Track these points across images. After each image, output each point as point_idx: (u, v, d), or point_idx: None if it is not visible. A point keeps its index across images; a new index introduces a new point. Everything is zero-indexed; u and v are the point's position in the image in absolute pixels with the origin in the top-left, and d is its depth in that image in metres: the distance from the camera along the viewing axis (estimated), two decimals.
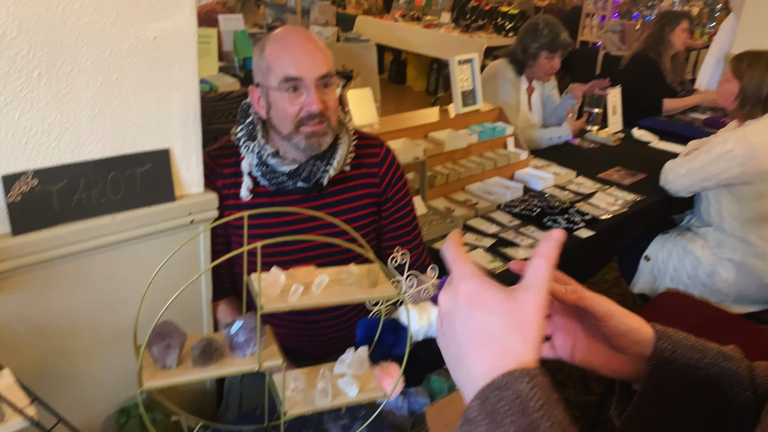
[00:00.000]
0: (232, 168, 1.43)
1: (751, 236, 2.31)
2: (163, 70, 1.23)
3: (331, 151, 1.40)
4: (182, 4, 1.22)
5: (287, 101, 1.32)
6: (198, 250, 1.38)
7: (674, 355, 0.65)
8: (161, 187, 1.28)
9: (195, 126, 1.32)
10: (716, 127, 3.32)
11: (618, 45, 5.92)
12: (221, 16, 3.98)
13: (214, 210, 1.37)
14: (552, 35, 2.81)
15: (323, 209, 1.45)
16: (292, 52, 1.32)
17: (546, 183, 2.44)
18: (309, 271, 1.05)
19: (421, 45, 6.86)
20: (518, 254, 1.89)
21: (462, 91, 2.50)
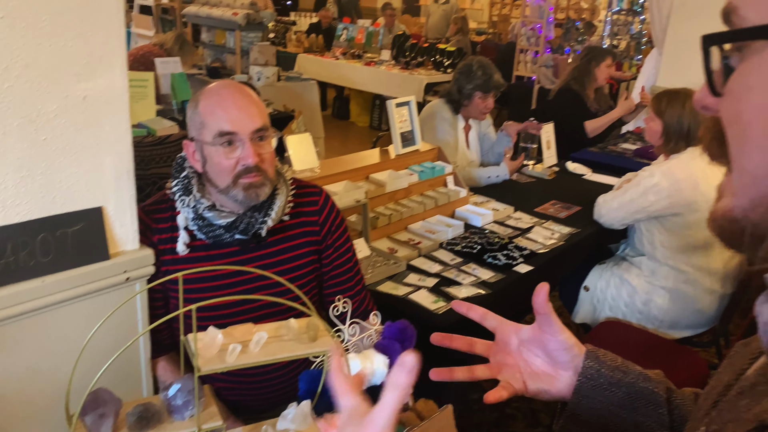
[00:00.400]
0: (168, 222, 1.42)
1: (682, 264, 2.43)
2: (93, 129, 1.22)
3: (268, 202, 1.41)
4: (113, 64, 1.22)
5: (222, 155, 1.33)
6: (135, 309, 1.36)
7: (598, 373, 0.75)
8: (94, 246, 1.27)
9: (128, 182, 1.32)
10: (646, 158, 3.50)
11: (551, 79, 6.18)
12: (158, 60, 3.96)
13: (150, 266, 1.36)
14: (485, 76, 2.93)
15: (262, 260, 1.45)
16: (226, 107, 1.33)
17: (486, 219, 2.52)
18: (247, 328, 1.05)
19: (362, 82, 6.99)
20: (460, 293, 1.93)
21: (401, 132, 2.56)
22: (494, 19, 12.06)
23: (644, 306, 2.49)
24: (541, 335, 0.79)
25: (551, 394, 0.80)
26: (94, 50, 1.19)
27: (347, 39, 7.73)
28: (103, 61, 1.21)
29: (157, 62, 3.96)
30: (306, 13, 10.21)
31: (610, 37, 7.34)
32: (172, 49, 4.47)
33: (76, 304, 1.26)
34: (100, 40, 1.20)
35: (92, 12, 1.17)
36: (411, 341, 1.30)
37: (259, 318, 1.38)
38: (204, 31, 5.73)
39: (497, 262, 2.15)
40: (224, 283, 1.42)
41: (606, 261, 2.70)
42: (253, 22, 5.19)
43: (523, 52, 6.63)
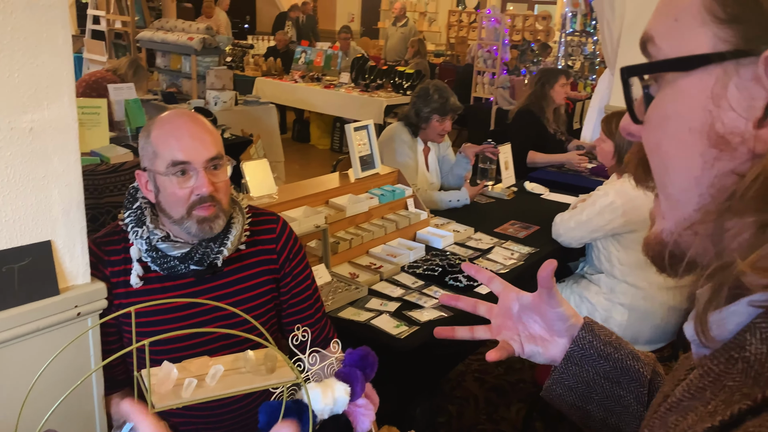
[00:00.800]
0: (121, 255, 1.40)
1: (639, 281, 2.49)
2: (41, 161, 1.20)
3: (224, 232, 1.40)
4: (60, 94, 1.21)
5: (176, 185, 1.32)
6: (87, 345, 1.33)
7: (591, 344, 0.81)
8: (43, 281, 1.24)
9: (78, 214, 1.29)
10: (602, 176, 3.60)
11: (509, 100, 6.32)
12: (111, 86, 3.91)
13: (102, 300, 1.33)
14: (442, 100, 2.99)
15: (219, 291, 1.44)
16: (179, 136, 1.33)
17: (446, 241, 2.54)
18: (203, 362, 1.04)
19: (322, 105, 7.02)
20: (422, 316, 1.94)
21: (360, 156, 2.58)
22: (452, 41, 12.29)
23: (604, 323, 2.53)
24: (540, 305, 0.83)
25: (544, 357, 0.86)
26: (40, 81, 1.18)
27: (306, 62, 7.76)
28: (50, 92, 1.20)
29: (111, 88, 3.91)
30: (263, 37, 10.23)
31: (565, 57, 7.54)
32: (126, 75, 4.42)
33: (25, 342, 1.22)
34: (47, 70, 1.18)
35: (38, 43, 1.16)
36: (372, 368, 1.30)
37: (215, 350, 1.36)
38: (159, 56, 5.68)
39: (458, 284, 2.17)
40: (179, 316, 1.40)
41: (565, 279, 2.75)
42: (209, 47, 5.18)
43: (480, 73, 6.77)
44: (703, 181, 0.45)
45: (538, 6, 12.86)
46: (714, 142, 0.44)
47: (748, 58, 0.42)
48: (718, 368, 0.47)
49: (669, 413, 0.52)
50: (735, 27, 0.43)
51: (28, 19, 1.13)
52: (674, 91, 0.47)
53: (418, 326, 1.88)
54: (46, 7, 1.15)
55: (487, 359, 0.85)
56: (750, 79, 0.42)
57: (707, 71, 0.44)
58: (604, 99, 4.86)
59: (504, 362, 3.18)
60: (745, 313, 0.46)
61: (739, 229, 0.43)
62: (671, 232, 0.49)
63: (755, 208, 0.42)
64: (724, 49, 0.43)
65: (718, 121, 0.44)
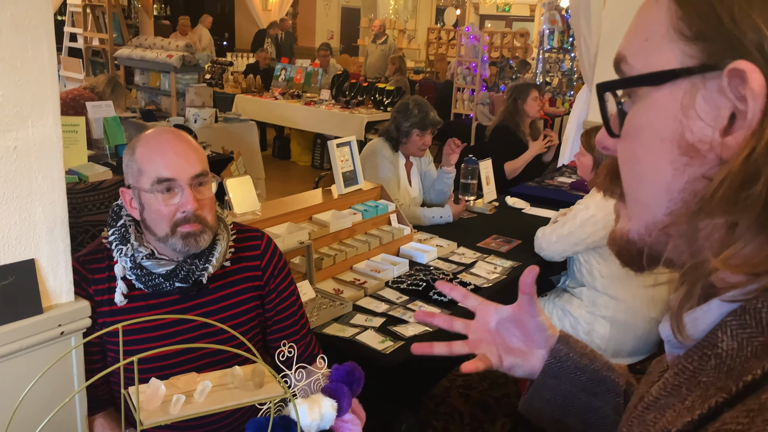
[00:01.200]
0: (105, 273, 1.40)
1: (621, 293, 2.53)
2: (25, 180, 1.21)
3: (209, 249, 1.41)
4: (45, 112, 1.22)
5: (161, 202, 1.33)
6: (70, 365, 1.32)
7: (567, 356, 0.83)
8: (27, 299, 1.24)
9: (62, 232, 1.30)
10: (582, 190, 3.66)
11: (488, 116, 6.41)
12: (89, 104, 3.90)
13: (86, 319, 1.33)
14: (421, 114, 3.04)
15: (204, 308, 1.45)
16: (164, 153, 1.34)
17: (430, 256, 2.57)
18: (190, 378, 1.04)
19: (303, 122, 7.05)
20: (407, 331, 1.95)
21: (343, 172, 2.60)
22: (431, 58, 12.44)
23: (587, 336, 2.57)
24: (520, 315, 0.85)
25: (524, 369, 0.87)
26: (25, 99, 1.19)
27: (286, 79, 7.80)
28: (35, 111, 1.21)
29: (89, 106, 3.91)
30: (243, 54, 10.26)
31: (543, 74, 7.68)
32: (104, 92, 4.41)
33: (8, 362, 1.22)
34: (32, 89, 1.19)
35: (23, 62, 1.17)
36: (359, 383, 1.32)
37: (202, 367, 1.37)
38: (137, 74, 5.68)
39: (443, 299, 2.19)
40: (165, 333, 1.40)
41: (548, 293, 2.78)
42: (189, 64, 5.19)
43: (460, 90, 6.86)
44: (674, 186, 0.49)
45: (515, 23, 13.08)
46: (684, 150, 0.48)
47: (713, 72, 0.46)
48: (693, 366, 0.50)
49: (646, 412, 0.54)
50: (700, 44, 0.47)
51: (13, 37, 1.14)
52: (646, 105, 0.51)
53: (403, 341, 1.89)
54: (32, 26, 1.16)
55: (462, 370, 0.87)
56: (715, 91, 0.46)
57: (676, 85, 0.48)
58: (583, 114, 4.96)
59: (488, 377, 3.20)
60: (717, 312, 0.49)
61: (712, 229, 0.47)
62: (640, 234, 0.53)
63: (724, 209, 0.45)
64: (691, 64, 0.47)
65: (687, 131, 0.48)
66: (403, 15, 14.47)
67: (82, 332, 1.33)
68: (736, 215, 0.45)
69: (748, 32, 0.44)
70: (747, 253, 0.45)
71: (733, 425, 0.43)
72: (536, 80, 7.43)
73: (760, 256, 0.45)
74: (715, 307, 0.50)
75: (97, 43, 7.01)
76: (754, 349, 0.46)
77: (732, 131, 0.46)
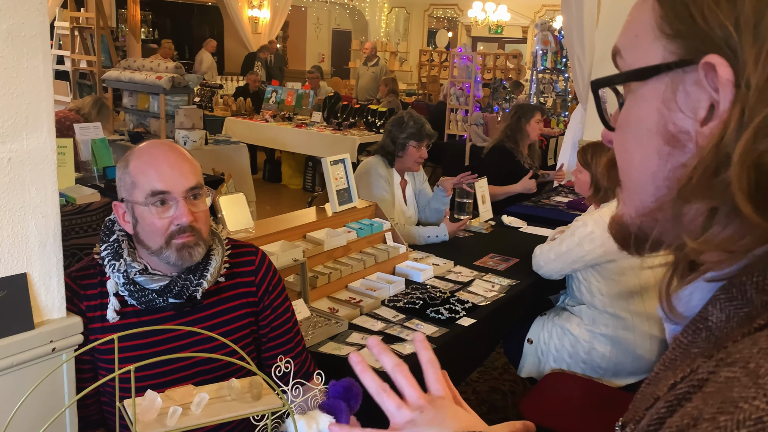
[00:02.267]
0: (97, 288, 1.41)
1: (620, 311, 2.55)
2: (18, 192, 1.22)
3: (203, 264, 1.42)
4: (39, 124, 1.24)
5: (155, 215, 1.34)
6: (61, 381, 1.32)
7: None
8: (18, 315, 1.24)
9: (55, 247, 1.31)
10: (578, 209, 3.70)
11: (482, 136, 6.47)
12: (77, 126, 3.93)
13: (78, 335, 1.34)
14: (417, 125, 3.09)
15: (198, 324, 1.45)
16: (158, 165, 1.36)
17: (426, 275, 2.58)
18: (187, 390, 1.05)
19: (294, 144, 7.10)
20: (405, 349, 1.96)
21: (337, 189, 2.63)
22: (423, 80, 12.59)
23: (587, 355, 2.58)
24: None
25: None
26: (20, 111, 1.20)
27: (276, 101, 7.87)
28: (29, 123, 1.22)
29: (77, 128, 3.93)
30: (232, 77, 10.37)
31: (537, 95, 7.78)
32: (90, 114, 4.44)
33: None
34: (27, 101, 1.21)
35: (18, 73, 1.19)
36: (357, 400, 1.32)
37: (199, 381, 1.36)
38: (125, 96, 5.72)
39: (440, 317, 2.20)
40: (160, 350, 1.40)
41: (547, 312, 2.80)
42: (179, 86, 5.24)
43: (453, 111, 6.93)
44: (659, 174, 0.54)
45: (508, 45, 13.29)
46: (667, 140, 0.53)
47: (690, 66, 0.51)
48: (687, 339, 0.55)
49: (647, 387, 0.59)
50: (679, 41, 0.52)
51: (8, 48, 1.17)
52: (635, 98, 0.56)
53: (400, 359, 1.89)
54: (28, 37, 1.18)
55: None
56: (693, 84, 0.51)
57: (659, 79, 0.53)
58: (578, 134, 5.02)
59: (487, 401, 3.19)
60: (707, 289, 0.54)
61: (695, 214, 0.51)
62: (632, 217, 0.58)
63: (701, 194, 0.49)
64: (671, 59, 0.52)
65: (669, 122, 0.52)
66: (395, 37, 14.68)
67: (73, 349, 1.33)
68: (713, 200, 0.49)
69: (716, 29, 0.49)
70: (725, 235, 0.49)
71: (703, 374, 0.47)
72: (530, 101, 7.52)
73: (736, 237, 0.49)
74: (702, 284, 0.54)
75: (85, 66, 7.06)
76: (739, 320, 0.50)
77: (709, 122, 0.50)
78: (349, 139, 6.58)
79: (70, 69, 7.18)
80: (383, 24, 14.61)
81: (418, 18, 14.70)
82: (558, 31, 7.18)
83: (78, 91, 6.84)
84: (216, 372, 1.44)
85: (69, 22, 7.14)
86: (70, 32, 7.13)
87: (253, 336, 1.56)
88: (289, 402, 1.26)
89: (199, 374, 1.43)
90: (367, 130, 6.91)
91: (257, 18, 11.54)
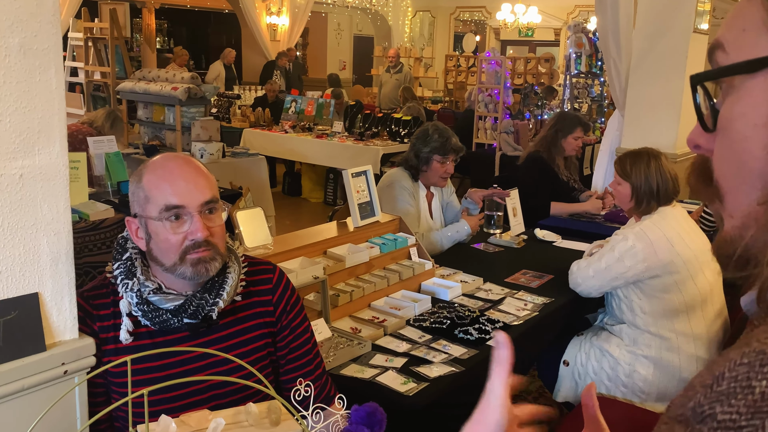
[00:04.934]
0: (110, 309, 1.43)
1: (664, 330, 2.51)
2: (30, 209, 1.25)
3: (219, 282, 1.44)
4: (52, 139, 1.27)
5: (169, 231, 1.36)
6: (73, 405, 1.34)
7: None
8: (29, 336, 1.26)
9: (67, 265, 1.33)
10: (617, 222, 3.66)
11: (513, 145, 6.44)
12: (91, 139, 4.01)
13: (90, 357, 1.36)
14: (442, 139, 3.08)
15: (213, 345, 1.46)
16: (172, 179, 1.38)
17: (454, 292, 2.57)
18: (203, 415, 1.06)
19: (314, 155, 7.15)
20: (432, 372, 1.95)
21: (359, 203, 2.64)
22: (450, 87, 12.62)
23: (628, 378, 2.54)
24: None
25: None
26: (32, 126, 1.24)
27: (296, 111, 7.94)
28: (41, 138, 1.25)
29: (90, 141, 4.01)
30: (251, 87, 10.50)
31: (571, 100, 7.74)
32: (103, 127, 4.53)
33: (8, 403, 1.24)
34: (39, 115, 1.25)
35: (30, 87, 1.22)
36: (381, 426, 1.31)
37: (215, 406, 1.37)
38: (140, 108, 5.83)
39: (469, 337, 2.19)
40: (174, 372, 1.42)
41: (584, 332, 2.76)
42: (195, 97, 5.32)
43: (481, 119, 6.92)
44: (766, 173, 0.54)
45: (539, 48, 13.26)
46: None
47: None
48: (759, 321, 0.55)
49: None
50: None
51: (21, 62, 1.20)
52: (740, 94, 0.56)
53: (427, 382, 1.89)
54: (41, 50, 1.22)
55: None
56: None
57: None
58: (615, 142, 4.98)
59: None
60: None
61: None
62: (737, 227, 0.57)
63: None
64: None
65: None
66: (419, 42, 14.74)
67: (86, 371, 1.35)
68: None
69: None
70: None
71: None
72: (564, 107, 7.49)
73: None
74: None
75: (99, 77, 7.22)
76: None
77: None
78: (372, 150, 6.61)
79: (83, 81, 7.35)
80: (407, 29, 14.69)
81: (443, 22, 14.75)
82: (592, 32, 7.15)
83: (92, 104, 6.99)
84: (233, 396, 1.45)
85: (83, 33, 7.32)
86: (84, 43, 7.31)
87: (271, 358, 1.57)
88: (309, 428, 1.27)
89: (215, 398, 1.44)
90: (391, 140, 6.94)
91: (276, 25, 11.69)
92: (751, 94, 0.55)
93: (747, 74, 0.55)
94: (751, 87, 0.55)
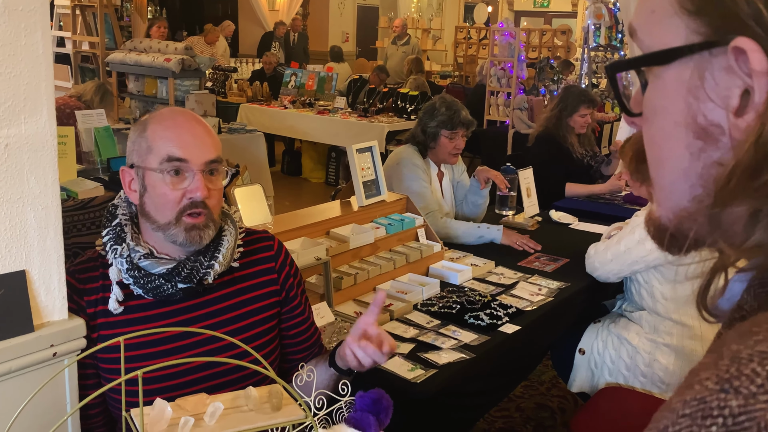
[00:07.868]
0: (99, 281, 1.43)
1: (686, 318, 2.50)
2: (16, 182, 1.24)
3: (214, 245, 1.43)
4: (39, 107, 1.26)
5: (168, 185, 1.36)
6: (63, 389, 1.35)
7: None
8: (16, 316, 1.26)
9: (56, 242, 1.33)
10: (638, 203, 3.64)
11: (527, 122, 6.41)
12: (79, 113, 4.00)
13: (81, 338, 1.36)
14: (449, 112, 3.03)
15: (213, 318, 1.47)
16: (179, 132, 1.38)
17: (464, 276, 2.57)
18: (200, 399, 1.06)
19: (315, 133, 7.13)
20: (440, 358, 1.95)
21: (364, 181, 2.63)
22: (459, 61, 12.54)
23: (647, 368, 2.54)
24: None
25: None
26: (17, 93, 1.23)
27: (296, 86, 7.91)
28: (28, 105, 1.25)
29: (78, 115, 4.00)
30: (248, 60, 10.44)
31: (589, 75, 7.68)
32: (92, 101, 4.52)
33: None
34: (25, 81, 1.24)
35: (15, 51, 1.21)
36: (387, 413, 1.32)
37: (212, 388, 1.38)
38: (131, 81, 5.81)
39: (480, 323, 2.19)
40: (170, 348, 1.42)
41: (601, 319, 2.76)
42: (189, 69, 5.30)
43: (494, 94, 6.88)
44: (691, 173, 0.52)
45: (555, 20, 13.16)
46: (697, 134, 0.51)
47: (718, 48, 0.48)
48: (725, 331, 0.55)
49: None
50: (703, 18, 0.49)
51: (5, 24, 1.19)
52: (659, 85, 0.54)
53: (435, 369, 1.89)
54: (26, 11, 1.20)
55: None
56: (723, 69, 0.48)
57: (683, 63, 0.51)
58: None
59: (533, 419, 3.17)
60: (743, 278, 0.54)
61: (734, 217, 0.49)
62: (669, 219, 0.57)
63: (741, 198, 0.48)
64: (695, 40, 0.50)
65: (699, 114, 0.50)
66: (428, 13, 14.62)
67: (76, 353, 1.35)
68: (755, 203, 0.47)
69: (742, 5, 0.46)
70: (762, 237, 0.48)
71: None
72: (581, 82, 7.43)
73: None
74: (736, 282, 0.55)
75: (87, 48, 7.19)
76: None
77: (744, 113, 0.48)
78: (376, 127, 6.59)
79: (71, 51, 7.32)
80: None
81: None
82: (613, 2, 7.08)
83: (80, 76, 6.97)
84: (233, 374, 1.45)
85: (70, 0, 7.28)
86: (71, 11, 7.26)
87: (278, 331, 1.57)
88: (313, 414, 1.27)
89: (215, 377, 1.44)
90: (397, 116, 6.91)
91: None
92: (669, 88, 0.52)
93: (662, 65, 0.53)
94: (669, 79, 0.52)
